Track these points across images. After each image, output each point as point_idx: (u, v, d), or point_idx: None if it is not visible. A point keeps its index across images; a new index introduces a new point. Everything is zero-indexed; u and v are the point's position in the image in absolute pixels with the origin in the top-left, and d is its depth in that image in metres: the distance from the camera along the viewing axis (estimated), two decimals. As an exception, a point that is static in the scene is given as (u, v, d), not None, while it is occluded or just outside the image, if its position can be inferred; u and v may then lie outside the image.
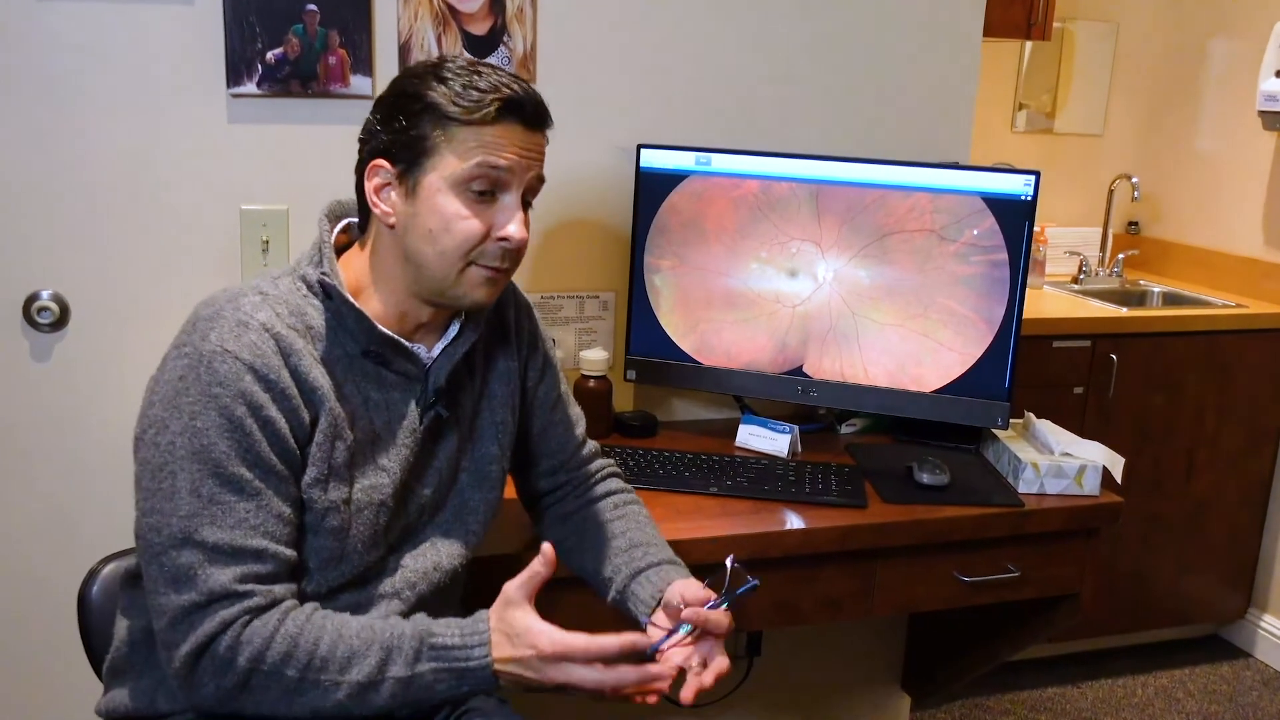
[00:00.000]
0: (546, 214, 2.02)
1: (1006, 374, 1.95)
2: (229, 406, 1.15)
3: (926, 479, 1.86)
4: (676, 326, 2.05)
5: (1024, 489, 1.88)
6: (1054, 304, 3.07)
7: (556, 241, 2.04)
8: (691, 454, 1.94)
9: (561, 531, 1.52)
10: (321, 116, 1.83)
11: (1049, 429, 1.99)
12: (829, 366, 2.01)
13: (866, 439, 2.13)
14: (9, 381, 1.78)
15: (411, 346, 1.30)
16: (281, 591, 1.17)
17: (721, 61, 2.06)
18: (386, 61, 1.85)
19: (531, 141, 1.25)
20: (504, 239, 1.23)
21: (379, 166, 1.24)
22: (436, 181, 1.22)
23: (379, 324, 1.25)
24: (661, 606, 1.36)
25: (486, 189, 1.22)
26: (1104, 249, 3.49)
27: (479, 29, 1.89)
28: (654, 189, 2.00)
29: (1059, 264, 3.41)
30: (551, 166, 1.96)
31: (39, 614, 1.84)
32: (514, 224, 1.23)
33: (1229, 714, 2.90)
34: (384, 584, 1.29)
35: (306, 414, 1.20)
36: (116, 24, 1.72)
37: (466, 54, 1.87)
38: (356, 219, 1.33)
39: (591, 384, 2.02)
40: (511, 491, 1.58)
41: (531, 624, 1.15)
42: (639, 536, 1.46)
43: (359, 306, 1.24)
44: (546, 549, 1.18)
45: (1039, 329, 2.80)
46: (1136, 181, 3.35)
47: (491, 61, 1.86)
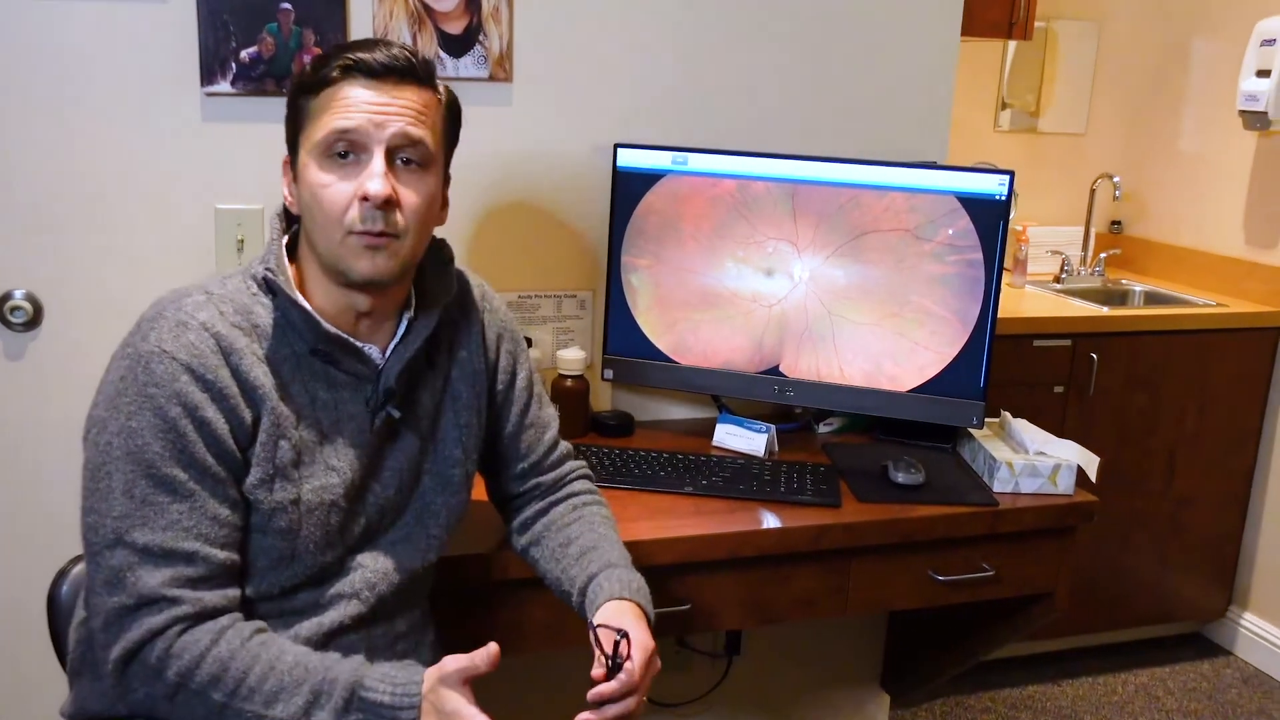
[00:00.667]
0: (524, 213, 2.02)
1: (982, 373, 1.95)
2: (164, 407, 1.15)
3: (902, 478, 1.87)
4: (654, 326, 2.05)
5: (999, 488, 1.89)
6: (1035, 303, 3.08)
7: (534, 241, 2.04)
8: (668, 453, 1.94)
9: (527, 536, 1.51)
10: (296, 115, 1.83)
11: (1024, 428, 1.99)
12: (805, 366, 2.02)
13: (844, 438, 2.13)
14: (-18, 381, 1.78)
15: (363, 346, 1.28)
16: (213, 598, 1.17)
17: (698, 61, 2.06)
18: (361, 60, 1.85)
19: (386, 98, 1.21)
20: (364, 197, 1.19)
21: (285, 161, 1.27)
22: (305, 156, 1.23)
23: (325, 322, 1.24)
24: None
25: (345, 151, 1.20)
26: (1086, 248, 3.49)
27: (454, 28, 1.88)
28: (631, 188, 2.01)
29: (1042, 263, 3.41)
30: (530, 165, 1.99)
31: (9, 614, 1.84)
32: (373, 180, 1.19)
33: (1209, 711, 2.91)
34: (342, 584, 1.28)
35: (248, 414, 1.20)
36: (89, 23, 1.72)
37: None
38: None
39: (569, 383, 2.02)
40: (484, 492, 1.58)
41: (461, 707, 1.12)
42: (589, 540, 1.44)
43: (304, 303, 1.24)
44: (492, 649, 1.14)
45: (1020, 328, 2.81)
46: (1118, 181, 3.36)
47: (462, 61, 1.88)
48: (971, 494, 1.86)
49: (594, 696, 1.21)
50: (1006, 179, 1.89)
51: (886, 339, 1.98)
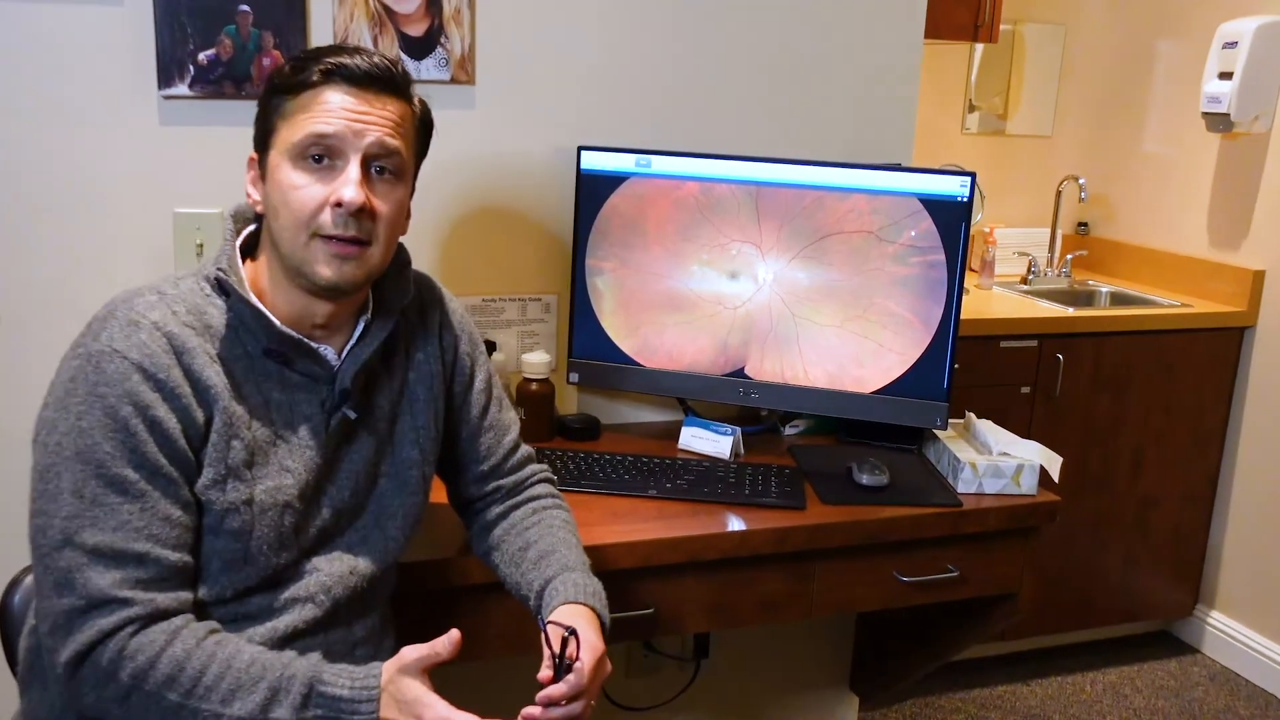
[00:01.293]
0: (488, 216, 2.01)
1: (945, 374, 1.95)
2: (114, 407, 1.14)
3: (866, 480, 1.87)
4: (618, 329, 2.05)
5: (963, 489, 1.89)
6: (1002, 304, 3.09)
7: (497, 244, 2.03)
8: (633, 456, 1.93)
9: (487, 541, 1.50)
10: (256, 118, 1.81)
11: (989, 429, 2.00)
12: (770, 368, 2.02)
13: (809, 440, 2.14)
14: (-65, 388, 1.76)
15: (318, 347, 1.28)
16: (165, 600, 1.15)
17: (662, 63, 2.06)
18: (322, 63, 1.84)
19: (366, 107, 1.21)
20: (337, 203, 1.19)
21: (251, 161, 1.27)
22: (277, 157, 1.22)
23: (280, 323, 1.24)
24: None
25: (320, 155, 1.20)
26: (1053, 250, 3.52)
27: (416, 30, 1.87)
28: (595, 191, 2.00)
29: (1009, 265, 3.44)
30: (492, 168, 1.99)
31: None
32: (348, 187, 1.19)
33: (1176, 709, 2.93)
34: (297, 588, 1.27)
35: (200, 413, 1.19)
36: (44, 24, 1.70)
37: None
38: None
39: (534, 387, 2.01)
40: (443, 495, 1.57)
41: (421, 695, 1.13)
42: (547, 544, 1.43)
43: (256, 303, 1.23)
44: (454, 636, 1.14)
45: (987, 329, 2.82)
46: (1084, 182, 3.38)
47: (424, 63, 1.87)
48: (935, 495, 1.87)
49: (543, 698, 1.21)
50: (968, 180, 1.90)
51: (850, 341, 1.98)
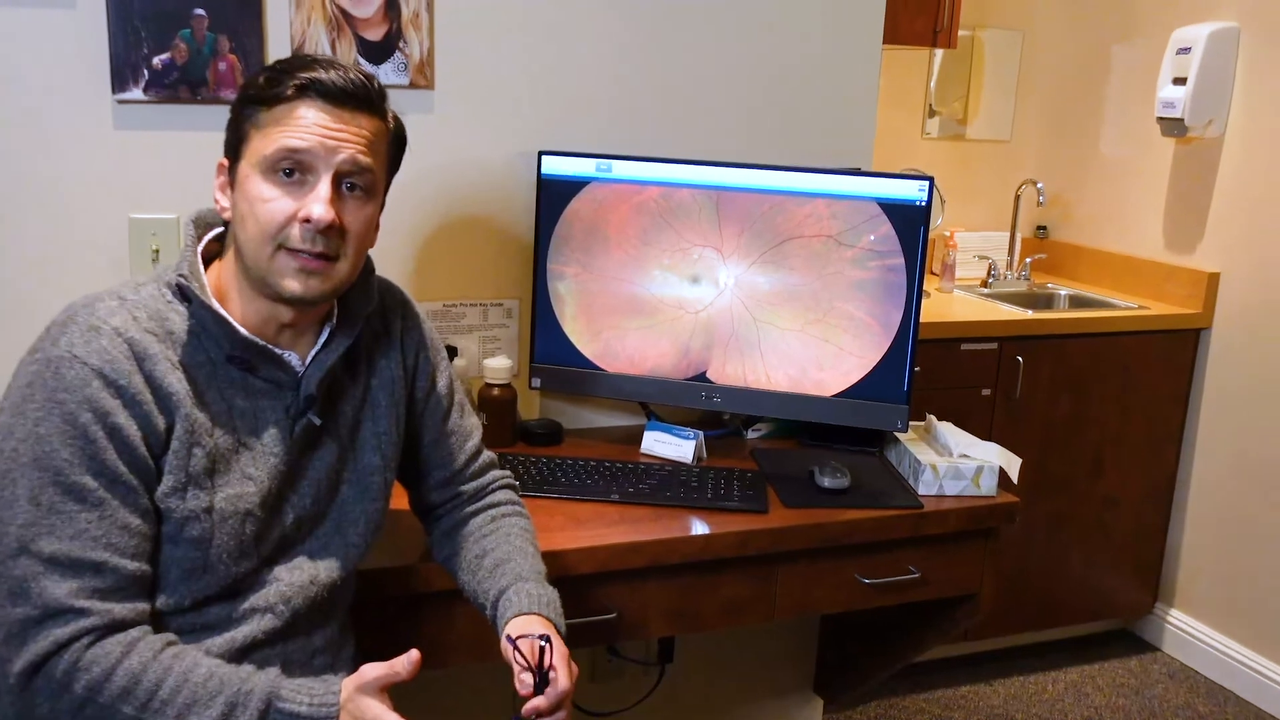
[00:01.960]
0: (449, 221, 2.00)
1: (905, 377, 1.97)
2: (74, 413, 1.12)
3: (828, 482, 1.88)
4: (580, 334, 2.05)
5: (924, 490, 1.90)
6: (963, 307, 3.12)
7: (459, 249, 2.02)
8: (596, 461, 1.93)
9: (448, 548, 1.49)
10: (212, 123, 1.78)
11: (949, 431, 2.01)
12: (732, 372, 2.02)
13: (771, 443, 2.14)
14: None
15: (282, 353, 1.27)
16: (122, 611, 1.14)
17: (622, 68, 2.06)
18: (279, 67, 1.83)
19: (339, 124, 1.21)
20: (306, 219, 1.19)
21: (220, 167, 1.26)
22: (247, 167, 1.21)
23: (243, 329, 1.23)
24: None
25: (291, 169, 1.20)
26: (1012, 253, 3.55)
27: (374, 34, 1.86)
28: (556, 196, 2.00)
29: (970, 268, 3.47)
30: (453, 173, 1.98)
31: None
32: (317, 204, 1.19)
33: (1135, 706, 2.96)
34: (256, 597, 1.26)
35: (161, 420, 1.18)
36: (-6, 28, 1.68)
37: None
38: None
39: (496, 392, 2.00)
40: (405, 502, 1.56)
41: (381, 714, 1.12)
42: (503, 553, 1.43)
43: (218, 309, 1.22)
44: (414, 656, 1.13)
45: (947, 332, 2.85)
46: (1042, 187, 3.42)
47: (382, 68, 1.86)
48: (897, 497, 1.88)
49: (529, 711, 1.21)
50: (926, 185, 1.92)
51: (811, 344, 1.99)
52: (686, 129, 2.13)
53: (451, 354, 1.93)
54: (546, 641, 1.24)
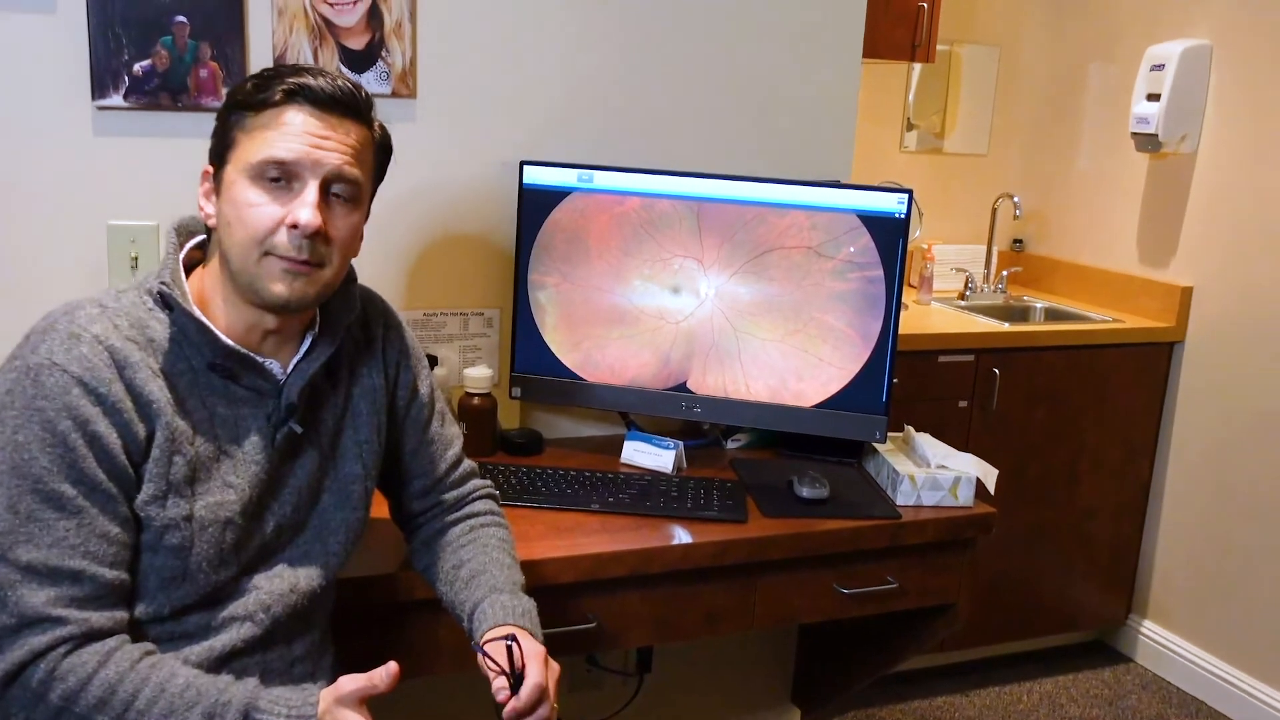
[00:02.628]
0: (430, 230, 2.00)
1: (884, 388, 1.98)
2: (53, 420, 1.12)
3: (806, 493, 1.89)
4: (561, 343, 2.05)
5: (902, 501, 1.92)
6: (940, 319, 3.14)
7: (440, 258, 2.03)
8: (576, 471, 1.93)
9: (426, 557, 1.49)
10: (193, 130, 1.79)
11: (927, 442, 2.03)
12: (712, 382, 2.03)
13: (751, 453, 2.15)
14: None
15: (264, 361, 1.27)
16: (99, 619, 1.13)
17: (604, 79, 2.07)
18: (261, 75, 1.82)
19: (327, 130, 1.21)
20: (293, 225, 1.19)
21: (205, 174, 1.26)
22: (233, 173, 1.21)
23: (225, 337, 1.23)
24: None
25: (278, 176, 1.20)
26: (989, 266, 3.58)
27: (356, 43, 1.87)
28: (537, 206, 2.00)
29: (947, 280, 3.49)
30: (434, 182, 1.98)
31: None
32: (304, 210, 1.19)
33: (1109, 717, 2.98)
34: (235, 606, 1.26)
35: (142, 428, 1.17)
36: (-27, 33, 1.67)
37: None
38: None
39: (476, 401, 2.00)
40: (385, 510, 1.56)
41: None
42: (479, 564, 1.43)
43: (200, 317, 1.22)
44: (392, 668, 1.13)
45: (924, 344, 2.86)
46: (1018, 200, 3.45)
47: (365, 77, 1.86)
48: (875, 507, 1.89)
49: (510, 714, 1.21)
50: (905, 197, 1.93)
51: (791, 355, 2.00)
52: (668, 140, 2.14)
53: (432, 363, 1.92)
54: (513, 640, 1.24)
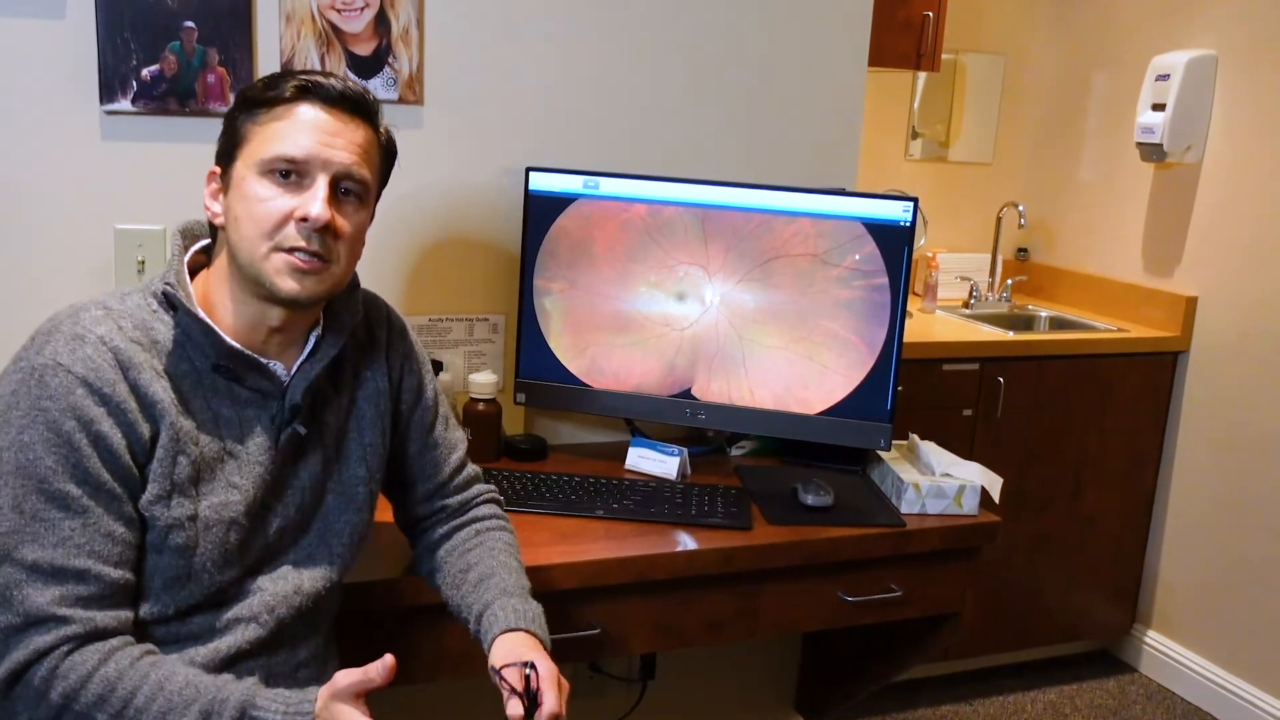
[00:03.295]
0: (435, 236, 2.01)
1: (888, 396, 1.98)
2: (57, 421, 1.12)
3: (811, 500, 1.89)
4: (566, 349, 2.05)
5: (906, 509, 1.91)
6: (944, 328, 3.14)
7: (446, 264, 2.03)
8: (580, 477, 1.93)
9: (431, 562, 1.49)
10: (200, 135, 1.80)
11: (932, 450, 2.03)
12: (717, 389, 2.03)
13: (755, 461, 2.15)
14: None
15: (267, 363, 1.28)
16: (104, 619, 1.14)
17: (610, 86, 2.08)
18: (268, 81, 1.83)
19: (338, 125, 1.23)
20: (303, 218, 1.20)
21: (212, 174, 1.27)
22: (243, 169, 1.22)
23: (229, 338, 1.23)
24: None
25: (290, 171, 1.21)
26: (994, 275, 3.58)
27: (363, 49, 1.87)
28: (543, 212, 2.01)
29: (951, 289, 3.49)
30: (441, 188, 1.99)
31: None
32: (314, 203, 1.20)
33: (1114, 727, 2.98)
34: (240, 607, 1.26)
35: (146, 429, 1.18)
36: (-18, 37, 1.68)
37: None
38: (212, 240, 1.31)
39: (481, 407, 2.00)
40: (390, 515, 1.56)
41: None
42: (486, 567, 1.43)
43: (205, 318, 1.22)
44: (388, 661, 1.13)
45: (929, 352, 2.86)
46: (1023, 209, 3.45)
47: (372, 83, 1.87)
48: (879, 515, 1.89)
49: None
50: (911, 205, 1.93)
51: (795, 363, 2.00)
52: (673, 147, 2.14)
53: (437, 369, 1.93)
54: (531, 668, 1.24)
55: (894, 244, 1.94)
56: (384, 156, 1.32)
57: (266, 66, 1.82)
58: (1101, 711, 3.06)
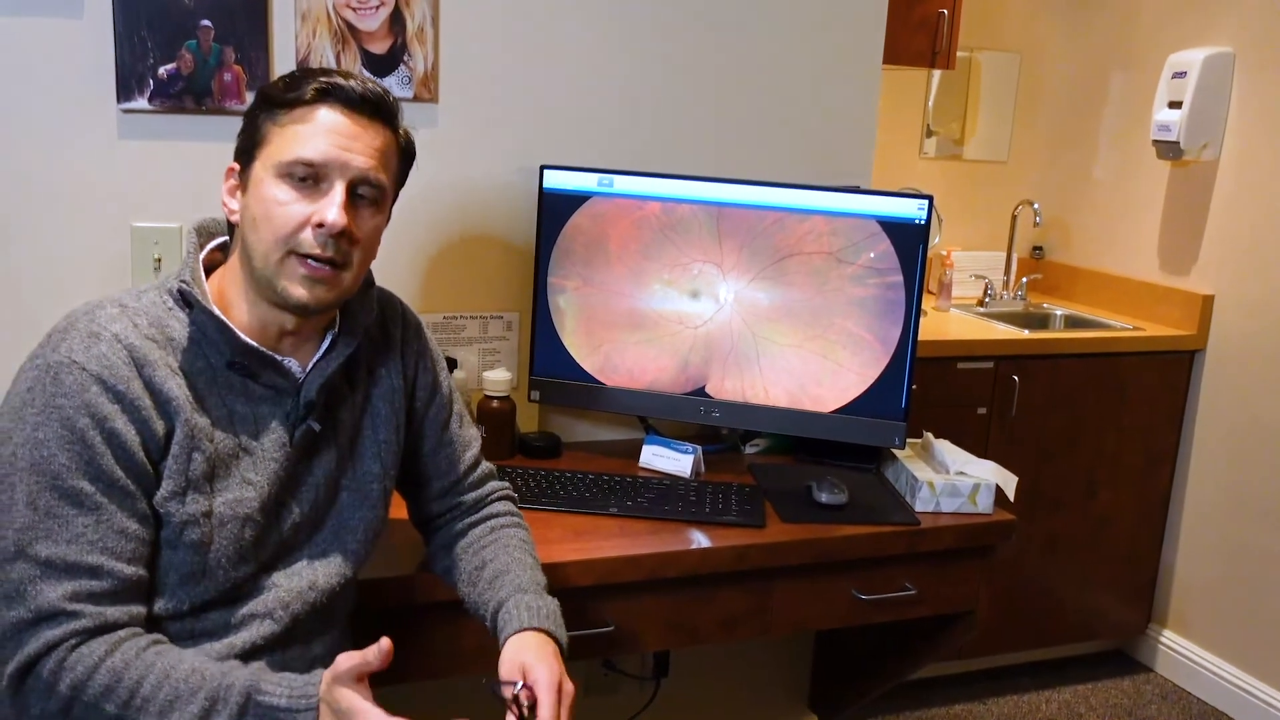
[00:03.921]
0: (450, 234, 2.01)
1: (903, 394, 1.98)
2: (71, 418, 1.13)
3: (825, 498, 1.88)
4: (580, 347, 2.05)
5: (920, 507, 1.91)
6: (959, 326, 3.13)
7: (460, 261, 2.03)
8: (594, 475, 1.93)
9: (446, 559, 1.50)
10: (216, 133, 1.81)
11: (946, 448, 2.02)
12: (730, 387, 2.03)
13: (769, 459, 2.15)
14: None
15: (282, 360, 1.28)
16: (115, 614, 1.14)
17: (625, 84, 2.08)
18: (284, 79, 1.84)
19: (357, 129, 1.23)
20: (319, 224, 1.20)
21: (231, 171, 1.27)
22: (261, 170, 1.22)
23: (244, 335, 1.24)
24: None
25: (307, 175, 1.21)
26: (1008, 273, 3.57)
27: (379, 48, 1.88)
28: (557, 210, 2.01)
29: (966, 287, 3.48)
30: (455, 186, 1.99)
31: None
32: (331, 209, 1.20)
33: (1129, 727, 2.97)
34: (255, 603, 1.27)
35: (160, 425, 1.18)
36: (2, 37, 1.68)
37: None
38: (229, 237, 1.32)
39: (495, 405, 2.01)
40: (405, 512, 1.56)
41: (355, 704, 1.11)
42: (502, 564, 1.43)
43: (220, 315, 1.23)
44: (384, 645, 1.13)
45: (943, 350, 2.85)
46: (1038, 207, 3.44)
47: (387, 81, 1.87)
48: (893, 514, 1.88)
49: None
50: (926, 203, 1.93)
51: (810, 360, 2.00)
52: (688, 145, 2.14)
53: (451, 366, 1.93)
54: (522, 687, 1.23)
55: (909, 242, 1.94)
56: (402, 159, 1.32)
57: (282, 65, 1.83)
58: (1116, 711, 3.05)
